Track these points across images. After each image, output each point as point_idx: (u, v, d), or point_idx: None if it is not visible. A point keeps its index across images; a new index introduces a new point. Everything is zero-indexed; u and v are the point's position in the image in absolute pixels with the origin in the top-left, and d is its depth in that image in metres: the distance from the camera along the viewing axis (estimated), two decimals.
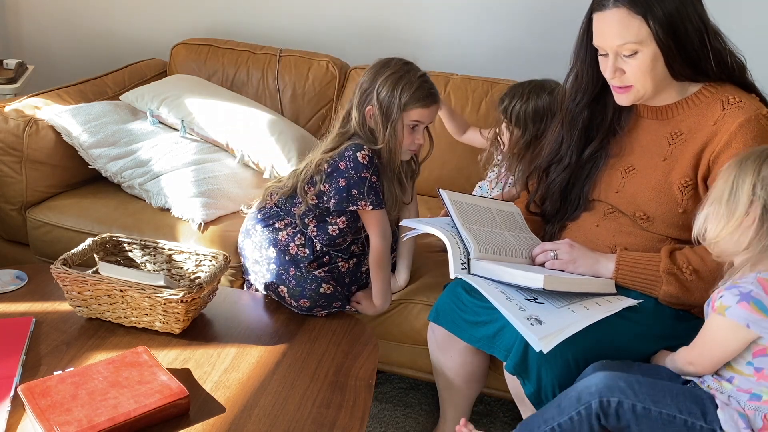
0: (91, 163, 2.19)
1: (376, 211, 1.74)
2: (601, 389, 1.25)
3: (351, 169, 1.70)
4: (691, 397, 1.26)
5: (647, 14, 1.41)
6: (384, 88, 1.73)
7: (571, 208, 1.69)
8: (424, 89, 1.74)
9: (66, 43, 3.04)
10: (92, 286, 1.52)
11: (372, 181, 1.71)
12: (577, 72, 1.62)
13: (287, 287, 1.75)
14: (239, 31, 2.79)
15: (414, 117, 1.74)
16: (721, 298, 1.25)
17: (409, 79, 1.73)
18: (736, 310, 1.22)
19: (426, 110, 1.75)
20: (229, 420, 1.30)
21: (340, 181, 1.72)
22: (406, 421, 2.00)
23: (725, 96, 1.49)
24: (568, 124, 1.67)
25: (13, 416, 1.26)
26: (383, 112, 1.73)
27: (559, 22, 2.34)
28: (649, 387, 1.26)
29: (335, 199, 1.73)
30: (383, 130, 1.73)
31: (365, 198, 1.71)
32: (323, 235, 1.79)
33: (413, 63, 1.78)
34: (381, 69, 1.76)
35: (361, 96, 1.77)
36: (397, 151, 1.77)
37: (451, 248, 1.51)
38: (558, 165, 1.69)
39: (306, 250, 1.79)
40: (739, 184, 1.24)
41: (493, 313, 1.45)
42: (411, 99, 1.72)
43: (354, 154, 1.70)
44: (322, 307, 1.75)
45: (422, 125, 1.77)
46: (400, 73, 1.74)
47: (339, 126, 1.80)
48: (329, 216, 1.78)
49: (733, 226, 1.24)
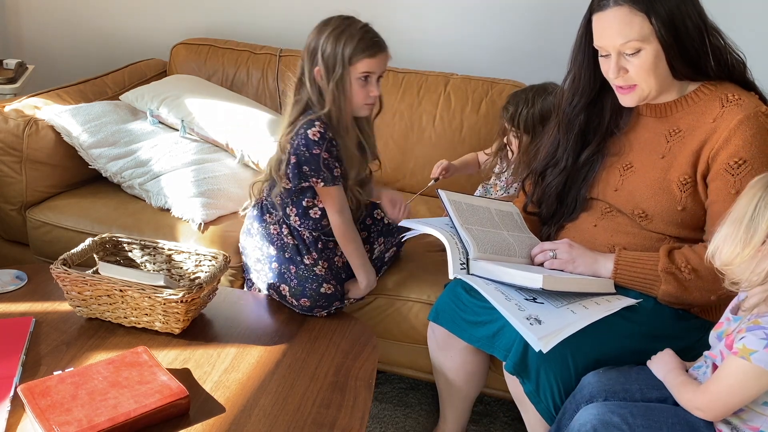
0: (91, 163, 2.19)
1: (329, 187, 1.73)
2: (596, 425, 1.24)
3: (302, 146, 1.70)
4: (687, 425, 1.23)
5: (649, 11, 1.41)
6: (328, 45, 1.70)
7: (567, 211, 1.69)
8: (366, 39, 1.71)
9: (66, 43, 3.04)
10: (92, 286, 1.52)
11: (324, 158, 1.70)
12: (575, 75, 1.62)
13: (289, 286, 1.75)
14: (239, 31, 2.79)
15: (362, 69, 1.71)
16: (743, 339, 1.14)
17: (351, 33, 1.71)
18: (764, 355, 1.11)
19: (373, 60, 1.72)
20: (229, 420, 1.30)
21: (292, 159, 1.72)
22: (406, 421, 2.00)
23: (724, 93, 1.49)
24: (565, 127, 1.67)
25: (13, 416, 1.26)
26: (329, 69, 1.71)
27: (559, 22, 2.35)
28: (644, 418, 1.23)
29: (288, 177, 1.73)
30: (329, 87, 1.71)
31: (316, 175, 1.71)
32: (307, 220, 1.78)
33: (354, 17, 1.75)
34: (322, 27, 1.74)
35: (307, 58, 1.75)
36: (348, 108, 1.74)
37: (450, 248, 1.51)
38: (554, 168, 1.69)
39: (294, 240, 1.79)
40: (763, 208, 1.12)
41: (493, 313, 1.45)
42: (355, 51, 1.69)
43: (305, 131, 1.69)
44: (322, 307, 1.75)
45: (374, 76, 1.74)
46: (341, 27, 1.72)
47: (294, 94, 1.79)
48: (305, 199, 1.78)
49: (749, 253, 1.12)
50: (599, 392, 1.34)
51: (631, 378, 1.36)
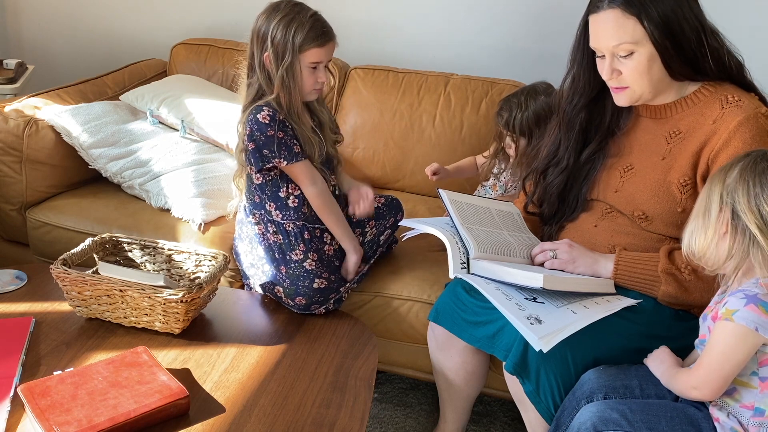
0: (91, 163, 2.19)
1: (294, 164, 1.73)
2: (596, 423, 1.25)
3: (256, 131, 1.70)
4: (686, 419, 1.25)
5: (641, 14, 1.42)
6: (278, 32, 1.70)
7: (568, 210, 1.69)
8: (316, 29, 1.71)
9: (66, 43, 3.04)
10: (92, 286, 1.52)
11: (279, 137, 1.71)
12: (574, 75, 1.62)
13: (282, 287, 1.76)
14: (239, 31, 2.77)
15: (311, 58, 1.72)
16: (726, 304, 1.21)
17: (301, 21, 1.70)
18: (745, 313, 1.18)
19: (322, 49, 1.72)
20: (229, 420, 1.30)
21: (249, 145, 1.72)
22: (406, 421, 2.00)
23: (724, 95, 1.49)
24: (565, 126, 1.67)
25: (13, 416, 1.26)
26: (278, 56, 1.71)
27: (559, 22, 2.35)
28: (643, 413, 1.25)
29: (251, 162, 1.74)
30: (278, 73, 1.71)
31: (277, 155, 1.71)
32: (287, 212, 1.78)
33: (303, 3, 1.75)
34: (272, 13, 1.73)
35: (257, 42, 1.75)
36: (296, 94, 1.74)
37: (450, 248, 1.51)
38: (555, 167, 1.69)
39: (280, 237, 1.78)
40: (710, 196, 1.25)
41: (493, 313, 1.45)
42: (305, 40, 1.69)
43: (255, 116, 1.70)
44: (319, 303, 1.75)
45: (321, 64, 1.75)
46: (291, 15, 1.71)
47: (246, 77, 1.79)
48: (280, 190, 1.78)
49: (710, 237, 1.24)
50: (599, 388, 1.34)
51: (630, 374, 1.37)
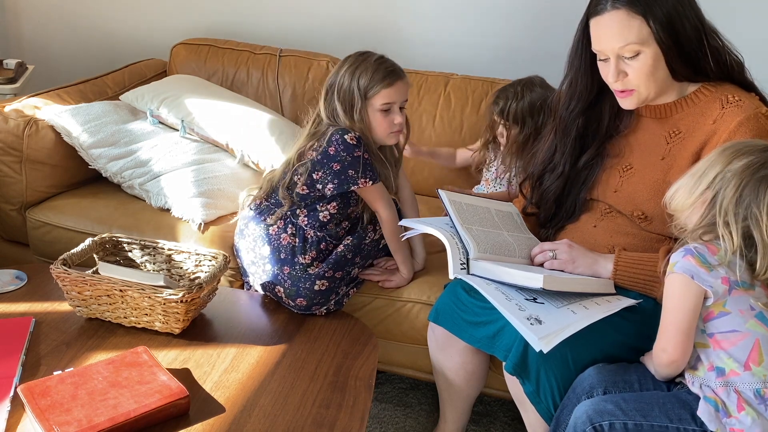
0: (91, 163, 2.19)
1: (375, 185, 1.75)
2: (591, 416, 1.27)
3: (342, 151, 1.70)
4: (678, 402, 1.26)
5: (647, 14, 1.41)
6: (344, 80, 1.74)
7: (566, 215, 1.69)
8: (381, 70, 1.73)
9: (66, 43, 3.04)
10: (92, 286, 1.52)
11: (365, 158, 1.72)
12: (572, 79, 1.61)
13: (283, 287, 1.76)
14: (239, 31, 2.79)
15: (381, 100, 1.73)
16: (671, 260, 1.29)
17: (365, 67, 1.73)
18: (682, 263, 1.26)
19: (391, 89, 1.74)
20: (229, 420, 1.30)
21: (334, 166, 1.72)
22: (406, 421, 2.00)
23: (724, 95, 1.49)
24: (562, 132, 1.66)
25: (13, 416, 1.26)
26: (346, 104, 1.74)
27: (559, 22, 2.34)
28: (636, 402, 1.27)
29: (333, 183, 1.73)
30: (352, 121, 1.74)
31: (363, 176, 1.72)
32: (314, 221, 1.79)
33: (370, 51, 1.78)
34: (340, 65, 1.77)
35: (325, 95, 1.78)
36: (374, 138, 1.77)
37: (450, 248, 1.51)
38: (552, 173, 1.69)
39: (296, 239, 1.78)
40: (709, 168, 1.28)
41: (493, 314, 1.45)
42: (371, 83, 1.72)
43: (342, 137, 1.71)
44: (320, 304, 1.75)
45: (395, 105, 1.76)
46: (356, 63, 1.74)
47: (311, 126, 1.81)
48: (320, 203, 1.78)
49: (690, 202, 1.29)
50: (599, 383, 1.34)
51: (630, 371, 1.38)
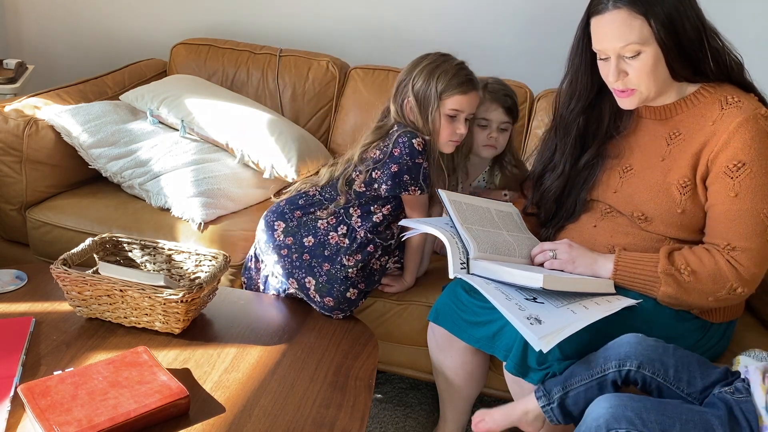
0: (91, 163, 2.19)
1: (422, 195, 1.74)
2: (609, 420, 1.23)
3: (406, 155, 1.69)
4: (702, 424, 1.23)
5: (648, 14, 1.41)
6: (419, 78, 1.72)
7: (566, 214, 1.69)
8: (460, 76, 1.72)
9: (66, 43, 3.04)
10: (92, 286, 1.52)
11: (425, 168, 1.71)
12: (571, 78, 1.61)
13: (316, 280, 1.73)
14: (239, 31, 2.79)
15: (452, 105, 1.71)
16: None
17: (446, 68, 1.71)
18: None
19: (464, 97, 1.72)
20: (229, 420, 1.30)
21: (392, 167, 1.70)
22: (406, 421, 2.00)
23: (724, 96, 1.49)
24: (562, 131, 1.66)
25: (13, 416, 1.26)
26: (420, 102, 1.71)
27: (559, 22, 2.34)
28: (658, 413, 1.23)
29: (387, 185, 1.72)
30: (423, 120, 1.72)
31: (416, 184, 1.71)
32: (367, 222, 1.77)
33: (451, 54, 1.77)
34: (418, 61, 1.76)
35: (396, 89, 1.76)
36: (435, 142, 1.74)
37: (450, 248, 1.51)
38: (552, 173, 1.69)
39: (346, 240, 1.76)
40: None
41: (493, 313, 1.45)
42: (447, 86, 1.70)
43: (410, 140, 1.69)
44: (342, 310, 1.74)
45: (462, 114, 1.74)
46: (436, 62, 1.72)
47: (377, 121, 1.80)
48: (374, 205, 1.77)
49: None
50: (635, 355, 1.31)
51: (669, 353, 1.33)
